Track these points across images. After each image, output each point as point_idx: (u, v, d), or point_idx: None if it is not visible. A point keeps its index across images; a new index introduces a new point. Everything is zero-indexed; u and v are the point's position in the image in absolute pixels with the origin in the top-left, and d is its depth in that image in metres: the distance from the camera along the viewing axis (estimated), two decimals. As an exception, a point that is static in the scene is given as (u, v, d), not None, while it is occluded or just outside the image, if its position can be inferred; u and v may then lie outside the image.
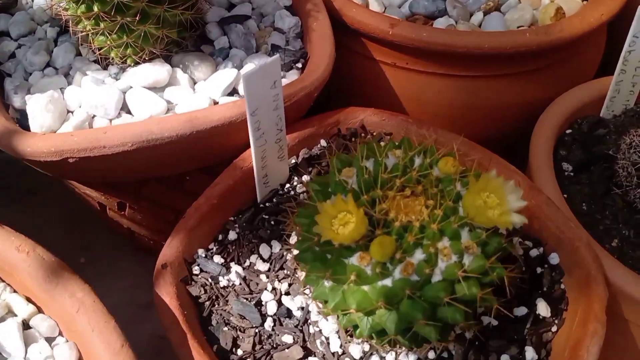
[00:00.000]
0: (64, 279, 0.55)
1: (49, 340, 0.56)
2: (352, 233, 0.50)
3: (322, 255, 0.54)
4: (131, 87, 0.76)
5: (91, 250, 1.06)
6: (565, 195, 0.77)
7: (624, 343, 0.73)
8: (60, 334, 0.56)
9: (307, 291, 0.64)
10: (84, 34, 0.76)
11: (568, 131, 0.84)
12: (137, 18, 0.72)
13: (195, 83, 0.78)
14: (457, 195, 0.53)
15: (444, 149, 0.58)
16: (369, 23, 0.86)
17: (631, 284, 0.65)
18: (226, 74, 0.76)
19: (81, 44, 0.81)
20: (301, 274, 0.65)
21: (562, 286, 0.66)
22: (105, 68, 0.80)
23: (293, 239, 0.69)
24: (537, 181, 0.75)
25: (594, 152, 0.81)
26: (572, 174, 0.79)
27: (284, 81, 0.78)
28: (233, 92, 0.77)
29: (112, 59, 0.78)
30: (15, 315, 0.57)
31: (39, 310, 0.57)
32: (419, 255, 0.51)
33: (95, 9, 0.70)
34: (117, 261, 1.04)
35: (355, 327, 0.56)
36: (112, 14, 0.71)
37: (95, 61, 0.80)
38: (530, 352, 0.61)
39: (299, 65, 0.80)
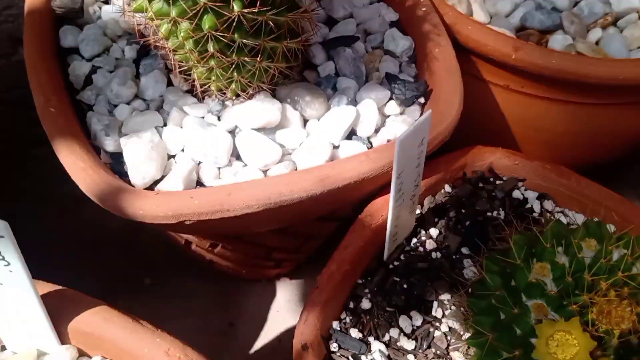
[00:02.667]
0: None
1: None
2: (576, 360, 0.44)
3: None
4: (238, 128, 0.67)
5: (156, 270, 0.98)
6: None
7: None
8: None
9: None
10: (183, 67, 0.66)
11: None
12: (255, 57, 0.62)
13: (306, 121, 0.69)
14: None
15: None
16: (488, 44, 0.77)
17: None
18: (344, 114, 0.67)
19: (171, 70, 0.71)
20: (454, 355, 0.60)
21: None
22: (201, 100, 0.70)
23: (436, 311, 0.63)
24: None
25: None
26: None
27: (404, 118, 0.70)
28: (351, 134, 0.68)
29: (208, 90, 0.69)
30: None
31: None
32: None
33: (211, 48, 0.59)
34: (186, 283, 0.97)
35: None
36: (228, 53, 0.61)
37: (188, 91, 0.71)
38: None
39: (422, 100, 0.71)
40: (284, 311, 0.93)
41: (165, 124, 0.68)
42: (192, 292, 0.96)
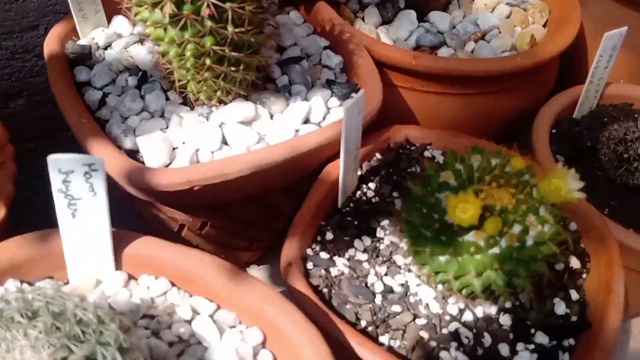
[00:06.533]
0: (242, 278, 0.70)
1: (234, 327, 0.70)
2: (473, 217, 0.69)
3: (438, 238, 0.72)
4: (224, 123, 0.91)
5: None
6: (563, 180, 1.01)
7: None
8: (241, 322, 0.70)
9: (406, 269, 0.82)
10: (179, 82, 0.90)
11: (554, 130, 1.09)
12: (237, 67, 0.87)
13: (272, 116, 0.94)
14: (530, 183, 0.74)
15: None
16: (394, 56, 1.06)
17: (628, 238, 0.90)
18: (300, 107, 0.93)
19: (168, 89, 0.94)
20: (396, 257, 0.84)
21: (582, 245, 0.89)
22: (192, 109, 0.94)
23: (379, 233, 0.87)
24: (545, 171, 0.98)
25: (576, 145, 1.06)
26: (565, 164, 1.03)
27: (342, 109, 0.96)
28: (306, 121, 0.93)
29: (199, 99, 0.92)
30: (200, 314, 0.71)
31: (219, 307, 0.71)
32: (517, 228, 0.71)
33: (208, 61, 0.84)
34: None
35: (466, 287, 0.75)
36: (220, 65, 0.85)
37: (182, 103, 0.94)
38: (574, 294, 0.83)
39: (353, 94, 0.98)
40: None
41: (167, 127, 0.91)
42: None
